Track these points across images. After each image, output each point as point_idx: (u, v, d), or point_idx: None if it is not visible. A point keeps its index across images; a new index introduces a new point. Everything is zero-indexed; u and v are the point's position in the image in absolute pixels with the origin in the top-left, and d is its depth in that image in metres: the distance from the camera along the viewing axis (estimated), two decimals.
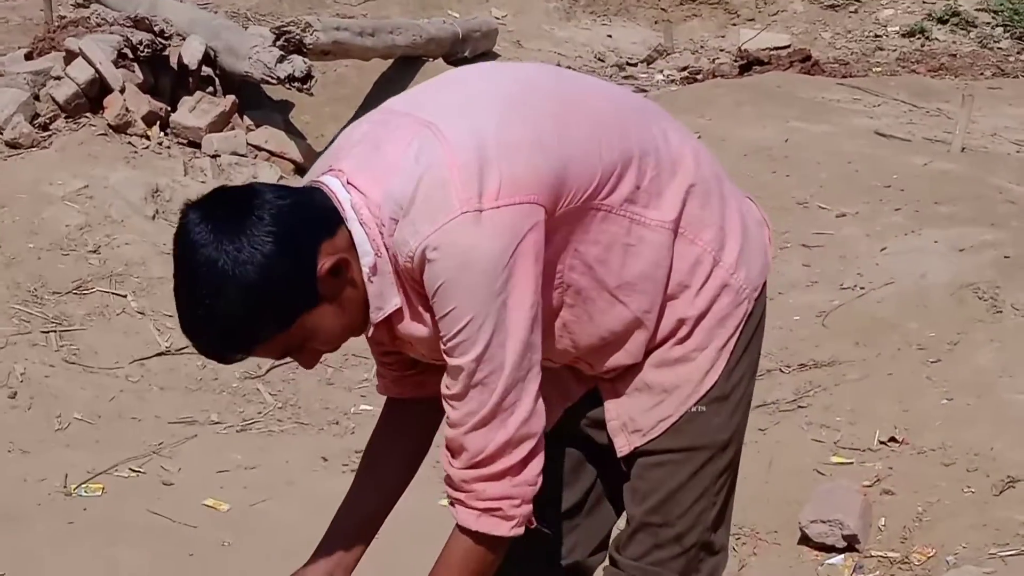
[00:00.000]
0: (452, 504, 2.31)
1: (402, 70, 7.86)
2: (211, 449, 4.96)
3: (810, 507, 4.29)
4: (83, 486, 4.65)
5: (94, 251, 6.01)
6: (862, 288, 5.72)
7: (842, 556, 4.22)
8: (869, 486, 4.51)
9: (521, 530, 2.28)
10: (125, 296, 5.82)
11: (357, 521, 2.58)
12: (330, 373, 5.48)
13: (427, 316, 2.25)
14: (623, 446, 2.51)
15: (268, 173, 6.65)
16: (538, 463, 2.28)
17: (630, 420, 2.50)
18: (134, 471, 4.78)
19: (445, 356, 2.21)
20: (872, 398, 5.00)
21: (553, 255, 2.26)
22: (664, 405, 2.47)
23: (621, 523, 2.68)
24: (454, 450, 2.28)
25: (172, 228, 6.04)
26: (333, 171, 2.24)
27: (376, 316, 2.26)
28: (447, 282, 2.14)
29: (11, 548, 4.19)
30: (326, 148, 2.50)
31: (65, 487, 4.63)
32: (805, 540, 4.28)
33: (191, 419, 5.19)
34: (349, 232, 2.19)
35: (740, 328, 2.48)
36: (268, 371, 5.48)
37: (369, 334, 2.31)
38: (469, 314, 2.15)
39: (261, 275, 2.10)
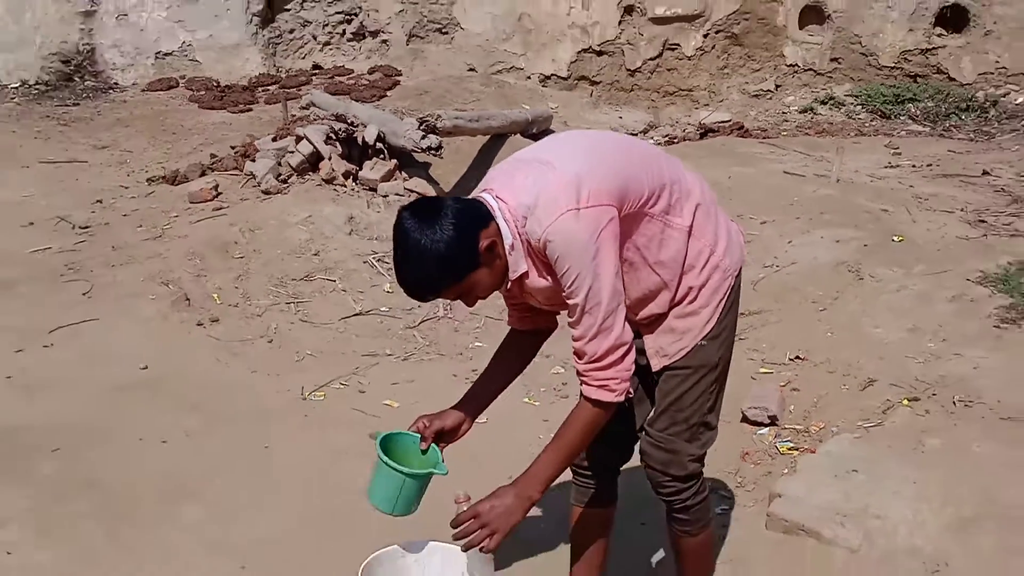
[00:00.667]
0: (581, 384, 2.30)
1: (495, 142, 7.75)
2: (387, 371, 4.88)
3: (747, 399, 4.25)
4: (312, 394, 4.53)
5: (315, 254, 5.90)
6: (777, 266, 5.63)
7: (767, 428, 4.17)
8: (783, 386, 4.46)
9: (623, 398, 2.29)
10: (335, 281, 5.67)
11: (482, 393, 2.58)
12: (457, 324, 5.33)
13: (548, 276, 2.27)
14: (656, 365, 2.52)
15: None
16: (631, 359, 2.28)
17: (660, 349, 2.50)
18: (342, 384, 4.66)
19: (566, 299, 2.24)
20: (784, 333, 4.93)
21: (620, 241, 2.28)
22: (682, 340, 2.49)
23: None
24: (579, 354, 2.28)
25: (363, 241, 6.20)
26: (487, 190, 2.30)
27: (512, 276, 2.28)
28: (561, 255, 2.18)
29: (271, 432, 4.14)
30: (471, 184, 2.54)
31: (302, 395, 4.52)
32: (745, 419, 4.22)
33: (375, 353, 5.03)
34: (497, 226, 2.23)
35: (727, 294, 2.50)
36: (420, 323, 5.27)
37: (507, 287, 2.32)
38: (576, 272, 2.19)
39: (447, 249, 2.15)
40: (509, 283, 2.30)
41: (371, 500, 2.38)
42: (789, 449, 3.98)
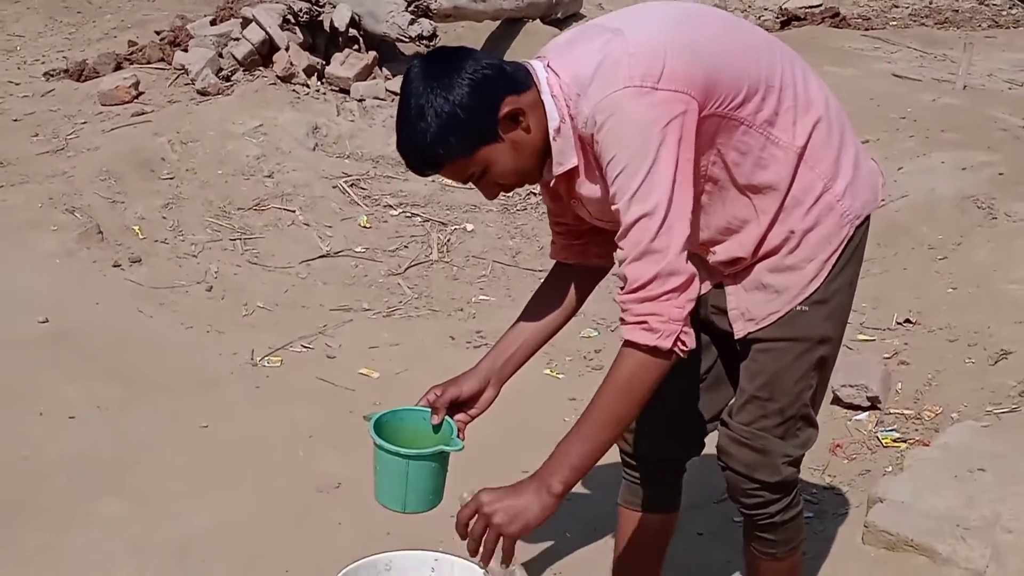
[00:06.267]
0: (620, 324, 2.27)
1: (507, 29, 7.74)
2: (364, 330, 4.94)
3: (840, 374, 4.21)
4: (265, 358, 4.62)
5: (269, 176, 5.97)
6: (883, 200, 5.59)
7: (866, 413, 4.20)
8: (888, 358, 4.49)
9: (668, 343, 2.18)
10: (294, 211, 5.77)
11: (509, 349, 2.62)
12: (455, 271, 5.41)
13: (599, 176, 2.29)
14: (740, 330, 2.51)
15: None
16: (687, 296, 2.21)
17: (747, 310, 2.50)
18: (305, 347, 4.75)
19: (611, 204, 2.24)
20: (891, 288, 4.95)
21: (701, 150, 2.27)
22: (775, 302, 2.48)
23: None
24: (621, 281, 2.25)
25: (329, 158, 6.15)
26: (539, 58, 2.36)
27: (557, 169, 2.33)
28: (608, 135, 2.20)
29: (211, 406, 4.21)
30: None
31: (252, 359, 4.60)
32: (837, 401, 4.24)
33: (348, 307, 5.13)
34: (541, 100, 2.28)
35: (842, 247, 2.48)
36: (407, 268, 5.42)
37: (552, 183, 2.38)
38: (624, 163, 2.18)
39: (452, 107, 2.20)
40: (553, 180, 2.36)
41: (378, 499, 2.43)
42: (895, 441, 4.00)
